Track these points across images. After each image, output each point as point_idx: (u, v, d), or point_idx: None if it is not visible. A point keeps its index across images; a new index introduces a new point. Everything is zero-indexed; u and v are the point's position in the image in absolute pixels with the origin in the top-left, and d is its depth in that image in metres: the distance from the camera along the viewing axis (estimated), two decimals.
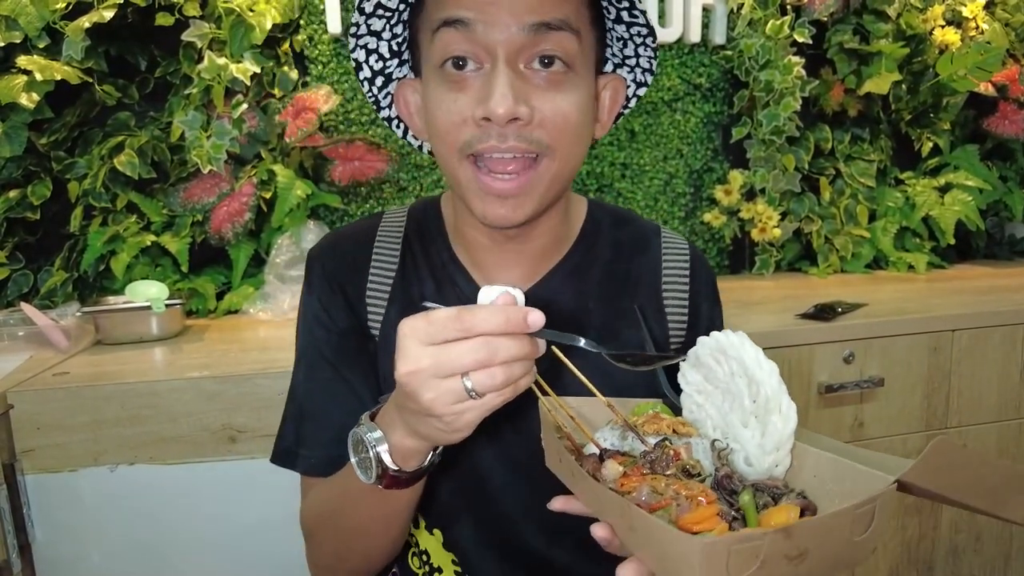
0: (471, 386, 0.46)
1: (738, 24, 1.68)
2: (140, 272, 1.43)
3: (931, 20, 1.79)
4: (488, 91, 0.56)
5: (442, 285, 0.71)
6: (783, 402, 0.46)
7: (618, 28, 0.64)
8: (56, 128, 1.42)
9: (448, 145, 0.59)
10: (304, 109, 1.44)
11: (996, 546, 1.41)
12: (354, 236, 0.75)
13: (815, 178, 1.83)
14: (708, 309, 0.75)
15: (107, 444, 1.00)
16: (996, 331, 1.32)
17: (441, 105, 0.58)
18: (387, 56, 0.65)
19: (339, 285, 0.71)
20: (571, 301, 0.71)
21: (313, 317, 0.71)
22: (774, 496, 0.44)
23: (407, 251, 0.73)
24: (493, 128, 0.57)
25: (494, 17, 0.55)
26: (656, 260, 0.75)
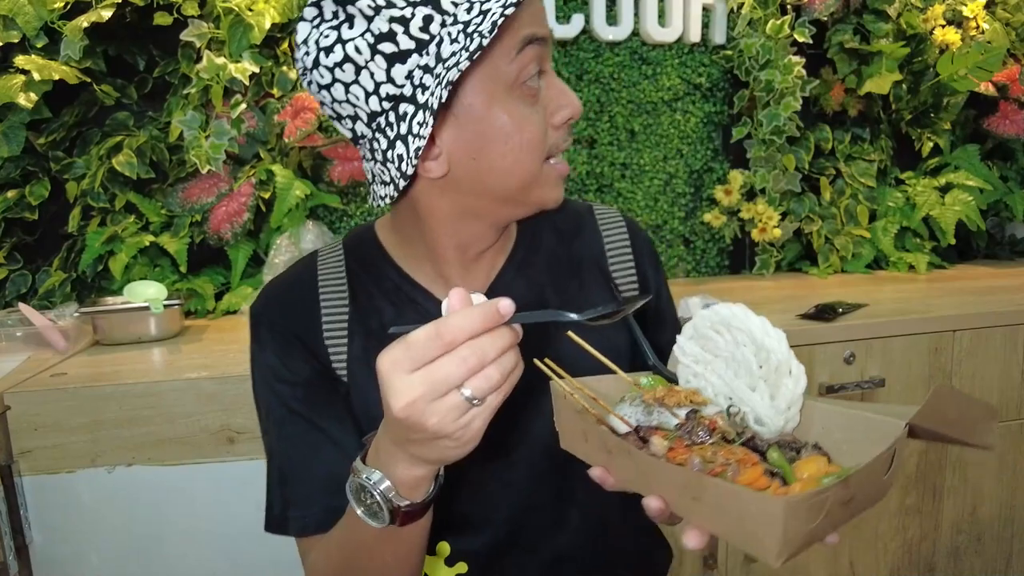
0: (471, 394, 0.46)
1: (738, 24, 1.68)
2: (139, 272, 1.43)
3: (931, 20, 1.79)
4: (560, 95, 0.62)
5: (402, 308, 0.69)
6: (793, 365, 0.49)
7: None
8: (54, 128, 1.41)
9: (536, 155, 0.62)
10: (303, 109, 1.44)
11: (997, 547, 1.41)
12: (294, 282, 0.72)
13: (815, 178, 1.83)
14: (653, 274, 0.78)
15: (105, 445, 0.99)
16: (997, 331, 1.32)
17: (529, 119, 0.61)
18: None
19: (293, 335, 0.68)
20: (525, 294, 0.72)
21: (272, 374, 0.68)
22: (796, 450, 0.48)
23: (354, 283, 0.71)
24: (567, 127, 0.64)
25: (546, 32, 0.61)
26: (596, 237, 0.77)
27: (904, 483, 1.32)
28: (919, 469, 1.33)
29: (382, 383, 0.46)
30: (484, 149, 0.61)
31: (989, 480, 1.37)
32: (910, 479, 1.32)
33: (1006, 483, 1.39)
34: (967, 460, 1.35)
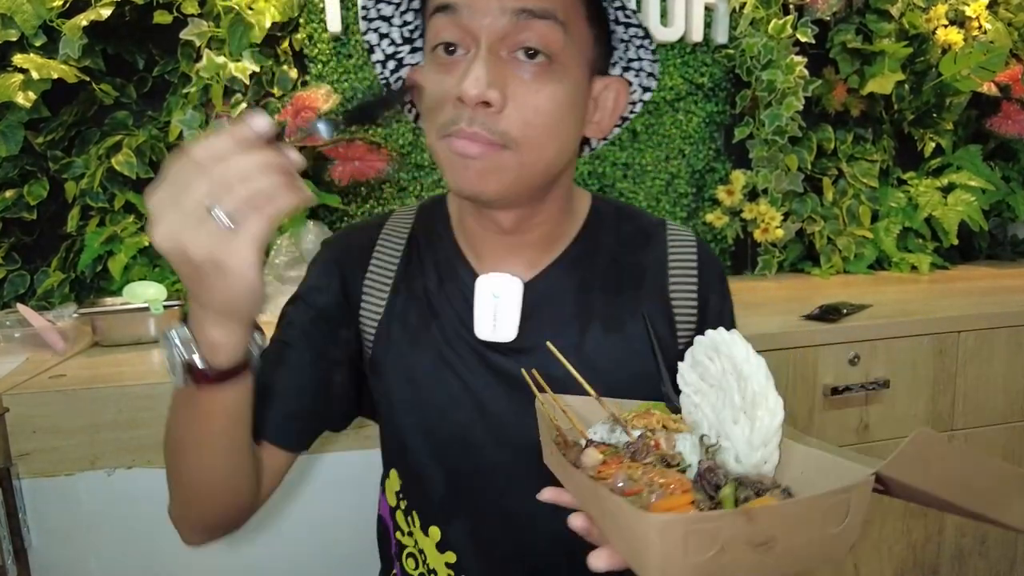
0: (217, 209, 0.43)
1: (740, 23, 1.67)
2: (138, 273, 1.42)
3: (934, 20, 1.79)
4: (464, 76, 0.57)
5: (444, 278, 0.72)
6: (770, 397, 0.46)
7: (618, 29, 0.64)
8: (53, 127, 1.40)
9: (431, 124, 0.61)
10: (304, 108, 1.43)
11: (1001, 550, 1.40)
12: (363, 229, 0.77)
13: (818, 178, 1.82)
14: (717, 302, 0.74)
15: (104, 447, 0.98)
16: (1002, 332, 1.31)
17: (432, 86, 0.60)
18: (398, 42, 0.66)
19: (339, 270, 0.73)
20: (573, 292, 0.71)
21: (304, 288, 0.74)
22: (757, 491, 0.44)
23: (412, 246, 0.74)
24: (465, 111, 0.58)
25: (479, 2, 0.57)
26: (662, 254, 0.74)
27: None
28: None
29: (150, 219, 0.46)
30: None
31: None
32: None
33: None
34: None
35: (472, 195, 0.62)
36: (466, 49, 0.59)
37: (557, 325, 0.70)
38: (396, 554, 0.78)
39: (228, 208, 0.43)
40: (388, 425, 0.74)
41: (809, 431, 1.24)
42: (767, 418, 0.46)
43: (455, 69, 0.59)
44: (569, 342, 0.69)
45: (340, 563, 1.07)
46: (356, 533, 1.06)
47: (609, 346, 0.69)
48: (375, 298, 0.72)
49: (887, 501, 1.30)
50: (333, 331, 0.71)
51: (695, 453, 0.49)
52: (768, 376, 0.47)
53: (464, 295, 0.69)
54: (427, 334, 0.70)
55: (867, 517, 0.40)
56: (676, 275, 0.74)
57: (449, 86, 0.58)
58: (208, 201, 0.43)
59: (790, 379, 1.21)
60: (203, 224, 0.43)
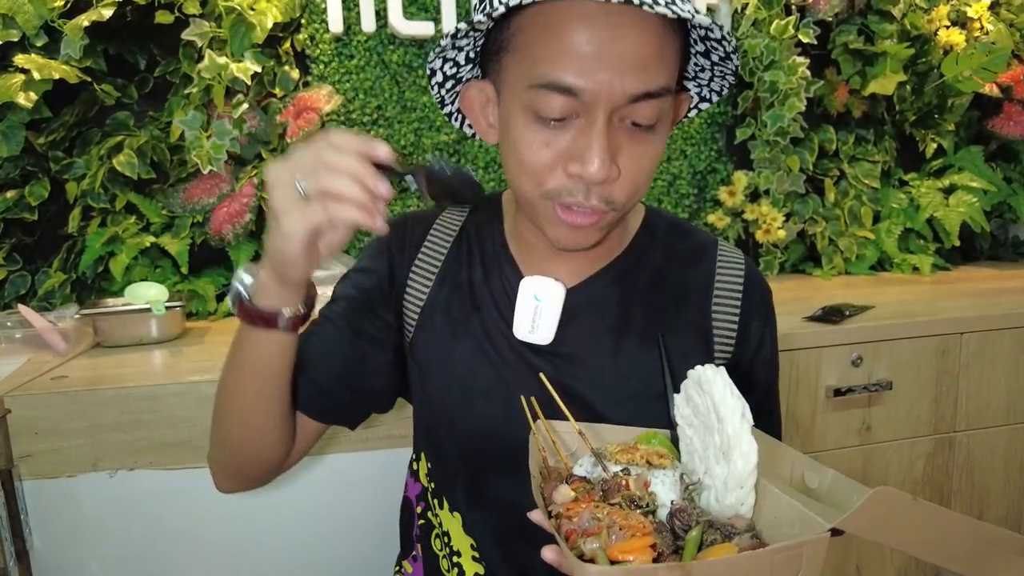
0: (301, 185, 0.52)
1: (742, 24, 1.67)
2: (139, 274, 1.41)
3: (936, 21, 1.79)
4: (585, 151, 0.56)
5: (490, 272, 0.73)
6: (744, 440, 0.47)
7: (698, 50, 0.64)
8: (54, 128, 1.40)
9: (534, 183, 0.60)
10: (305, 109, 1.43)
11: None
12: (419, 217, 0.79)
13: (819, 179, 1.82)
14: (759, 328, 0.74)
15: (106, 449, 0.98)
16: (1005, 334, 1.31)
17: (532, 146, 0.59)
18: (462, 63, 0.65)
19: (389, 255, 0.76)
20: (615, 304, 0.71)
21: (352, 272, 0.77)
22: (727, 534, 0.44)
23: (463, 238, 0.76)
24: (583, 184, 0.58)
25: (604, 86, 0.55)
26: (709, 273, 0.74)
27: (911, 487, 1.31)
28: (926, 473, 1.32)
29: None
30: (503, 140, 0.63)
31: (996, 483, 1.37)
32: (917, 483, 1.32)
33: (1013, 486, 1.38)
34: (974, 464, 1.34)
35: (568, 249, 0.65)
36: (574, 116, 0.57)
37: (594, 334, 0.70)
38: (419, 536, 0.79)
39: (305, 185, 0.52)
40: (421, 409, 0.76)
41: (811, 433, 1.24)
42: (740, 462, 0.47)
43: (562, 132, 0.58)
44: (605, 353, 0.69)
45: (350, 561, 1.07)
46: (371, 533, 1.06)
47: (642, 361, 0.69)
48: (420, 285, 0.74)
49: None
50: (374, 311, 0.73)
51: (673, 491, 0.50)
52: (744, 418, 0.48)
53: (507, 293, 0.71)
54: (467, 326, 0.71)
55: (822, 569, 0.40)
56: (720, 297, 0.73)
57: (557, 153, 0.58)
58: (299, 173, 0.52)
59: (793, 381, 1.21)
60: (289, 185, 0.52)
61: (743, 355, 0.73)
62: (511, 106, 0.60)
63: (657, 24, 0.55)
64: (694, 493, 0.50)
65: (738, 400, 0.48)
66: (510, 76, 0.60)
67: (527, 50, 0.57)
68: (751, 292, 0.74)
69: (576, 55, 0.54)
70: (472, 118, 0.69)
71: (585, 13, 0.53)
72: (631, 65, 0.54)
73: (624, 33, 0.54)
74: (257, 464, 0.71)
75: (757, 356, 0.74)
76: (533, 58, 0.56)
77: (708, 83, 0.68)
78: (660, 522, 0.46)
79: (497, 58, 0.61)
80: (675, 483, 0.50)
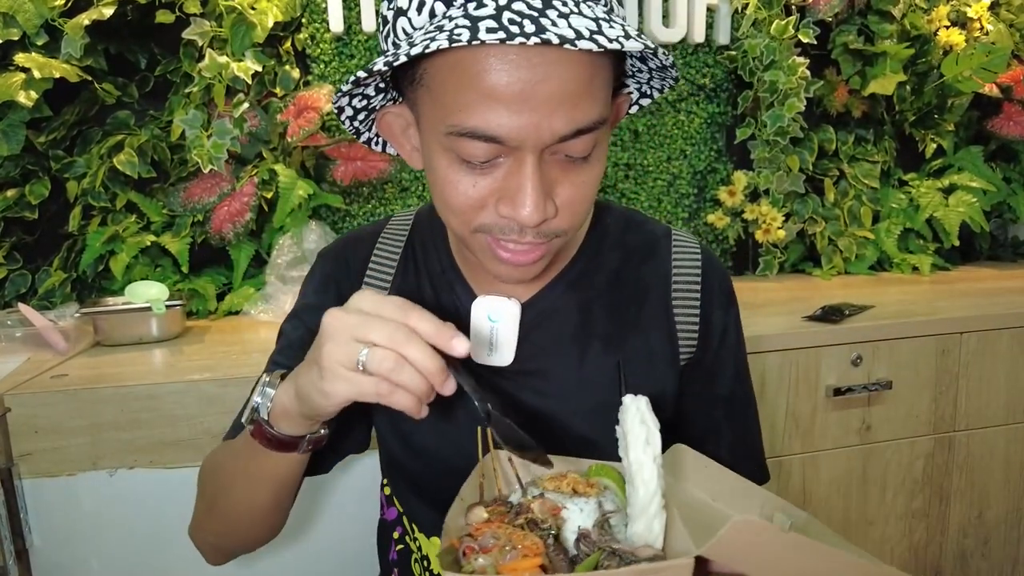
0: (363, 358, 0.47)
1: (742, 24, 1.67)
2: (140, 273, 1.42)
3: (936, 21, 1.79)
4: (516, 193, 0.52)
5: (440, 292, 0.70)
6: (645, 467, 0.47)
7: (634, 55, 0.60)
8: (55, 127, 1.40)
9: (462, 222, 0.57)
10: (306, 108, 1.43)
11: (1004, 550, 1.40)
12: (359, 239, 0.75)
13: (819, 179, 1.82)
14: (720, 316, 0.72)
15: (106, 448, 0.98)
16: (1004, 334, 1.31)
17: (457, 186, 0.54)
18: (372, 95, 0.60)
19: (336, 287, 0.72)
20: (574, 312, 0.69)
21: (302, 306, 0.73)
22: (628, 562, 0.45)
23: (408, 256, 0.72)
24: (516, 224, 0.54)
25: (530, 131, 0.50)
26: (666, 266, 0.71)
27: (911, 487, 1.31)
28: (926, 472, 1.32)
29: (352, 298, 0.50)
30: (427, 171, 0.58)
31: (996, 483, 1.37)
32: (917, 482, 1.32)
33: (1013, 486, 1.38)
34: (974, 464, 1.34)
35: (510, 283, 0.62)
36: (502, 156, 0.53)
37: (556, 346, 0.68)
38: (396, 560, 0.78)
39: (369, 362, 0.47)
40: (384, 441, 0.74)
41: (811, 432, 1.24)
42: (641, 489, 0.47)
43: (489, 171, 0.53)
44: (569, 364, 0.68)
45: (342, 563, 1.07)
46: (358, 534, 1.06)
47: (608, 367, 0.67)
48: None
49: (888, 501, 1.30)
50: None
51: (590, 518, 0.50)
52: (649, 444, 0.48)
53: (460, 314, 0.67)
54: None
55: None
56: (679, 290, 0.71)
57: (484, 191, 0.54)
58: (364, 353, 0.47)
59: (792, 380, 1.21)
60: (353, 344, 0.47)
61: (708, 346, 0.71)
62: (431, 143, 0.55)
63: (584, 58, 0.50)
64: (609, 522, 0.50)
65: (643, 427, 0.48)
66: (427, 112, 0.55)
67: (441, 92, 0.51)
68: (710, 281, 0.71)
69: (496, 100, 0.49)
70: (394, 143, 0.63)
71: (500, 53, 0.48)
72: (559, 104, 0.49)
73: (548, 73, 0.48)
74: (261, 540, 0.70)
75: (723, 346, 0.72)
76: (448, 103, 0.51)
77: (648, 82, 0.63)
78: (560, 546, 0.47)
79: (411, 88, 0.56)
80: (593, 510, 0.50)
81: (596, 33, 0.46)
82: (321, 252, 0.77)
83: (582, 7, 0.49)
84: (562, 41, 0.45)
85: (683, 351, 0.70)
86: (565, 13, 0.47)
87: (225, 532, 0.68)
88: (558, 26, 0.46)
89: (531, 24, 0.46)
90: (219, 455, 0.68)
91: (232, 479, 0.63)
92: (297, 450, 0.57)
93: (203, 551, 0.71)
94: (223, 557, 0.72)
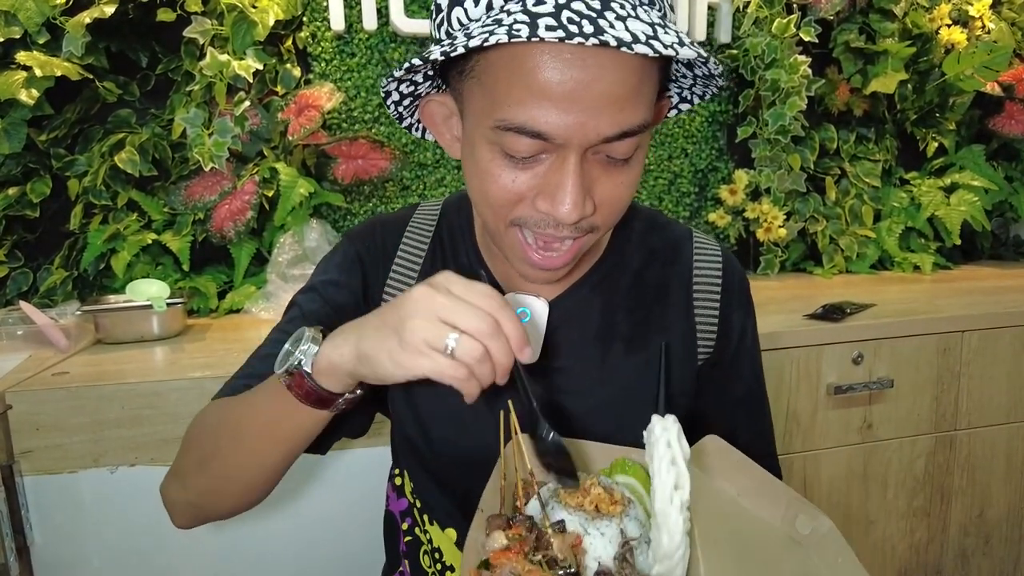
0: (453, 344, 0.46)
1: (744, 23, 1.67)
2: (141, 271, 1.42)
3: (937, 19, 1.79)
4: (557, 190, 0.53)
5: None
6: (671, 518, 0.46)
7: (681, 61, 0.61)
8: (56, 125, 1.40)
9: (499, 216, 0.58)
10: (307, 107, 1.43)
11: (1005, 549, 1.40)
12: (389, 224, 0.75)
13: (820, 178, 1.82)
14: (740, 319, 0.73)
15: (107, 445, 0.98)
16: (1006, 332, 1.31)
17: (498, 179, 0.55)
18: (420, 81, 0.61)
19: (361, 268, 0.71)
20: (598, 313, 0.70)
21: (321, 281, 0.71)
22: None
23: (436, 245, 0.72)
24: (553, 220, 0.55)
25: (576, 130, 0.51)
26: (687, 267, 0.73)
27: (912, 485, 1.31)
28: (927, 471, 1.32)
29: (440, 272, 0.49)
30: (466, 161, 0.59)
31: (997, 482, 1.36)
32: (918, 481, 1.32)
33: (1014, 485, 1.38)
34: (975, 462, 1.34)
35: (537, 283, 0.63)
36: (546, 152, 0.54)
37: (579, 345, 0.69)
38: (405, 552, 0.77)
39: (459, 350, 0.46)
40: (402, 429, 0.73)
41: (812, 430, 1.24)
42: (665, 539, 0.47)
43: (531, 167, 0.54)
44: (591, 364, 0.68)
45: (345, 559, 1.07)
46: (361, 529, 1.06)
47: (631, 367, 0.68)
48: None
49: (889, 499, 1.29)
50: None
51: (612, 544, 0.49)
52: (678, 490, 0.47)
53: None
54: None
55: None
56: (700, 291, 0.72)
57: (524, 186, 0.55)
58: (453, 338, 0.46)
59: (793, 378, 1.21)
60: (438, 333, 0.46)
61: (727, 346, 0.72)
62: (475, 134, 0.56)
63: (635, 62, 0.51)
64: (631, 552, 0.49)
65: (672, 471, 0.47)
66: (474, 104, 0.55)
67: (492, 86, 0.52)
68: (729, 283, 0.73)
69: (546, 97, 0.50)
70: (434, 131, 0.64)
71: (555, 51, 0.49)
72: (607, 106, 0.50)
73: (600, 74, 0.49)
74: (245, 507, 0.65)
75: (741, 346, 0.73)
76: (498, 97, 0.52)
77: (690, 88, 0.64)
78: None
79: (459, 78, 0.56)
80: (615, 536, 0.49)
81: (652, 38, 0.47)
82: (349, 233, 0.76)
83: (639, 11, 0.50)
84: (619, 44, 0.45)
85: (701, 351, 0.72)
86: (623, 16, 0.48)
87: (214, 491, 0.63)
88: (615, 28, 0.46)
89: (590, 25, 0.46)
90: (224, 410, 0.63)
91: (241, 434, 0.60)
92: (331, 407, 0.55)
93: (174, 510, 0.66)
94: (195, 520, 0.67)
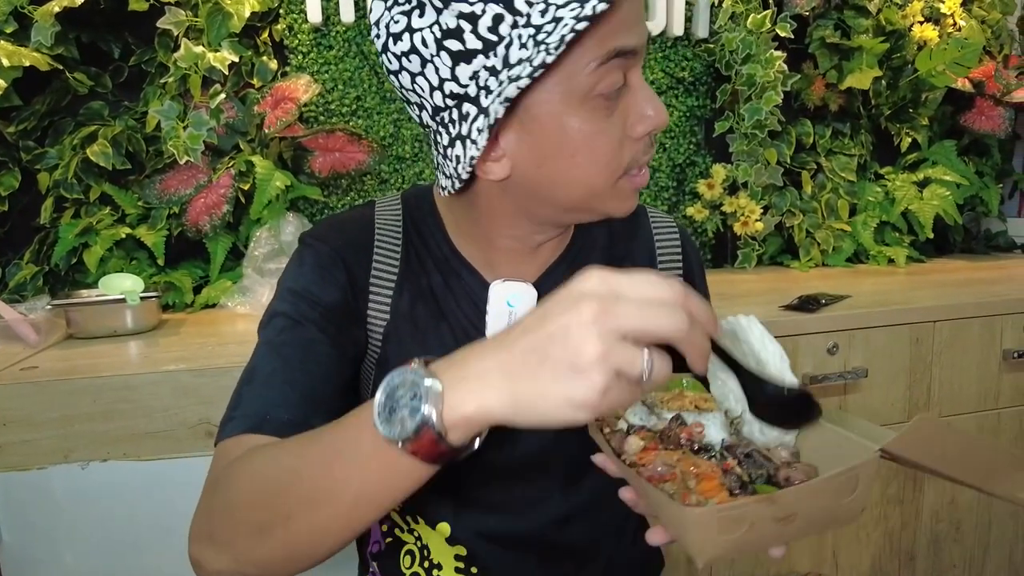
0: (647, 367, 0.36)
1: (720, 18, 1.68)
2: (115, 266, 1.39)
3: (910, 16, 1.81)
4: (645, 104, 0.57)
5: (448, 278, 0.69)
6: (787, 377, 0.51)
7: None
8: (25, 117, 1.38)
9: (611, 171, 0.59)
10: (283, 99, 1.42)
11: (976, 535, 1.43)
12: (352, 220, 0.71)
13: (797, 172, 1.84)
14: (701, 288, 0.76)
15: (78, 440, 0.96)
16: (975, 322, 1.33)
17: (604, 133, 0.57)
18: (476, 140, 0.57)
19: (341, 258, 0.67)
20: None
21: (300, 289, 0.65)
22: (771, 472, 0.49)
23: (408, 241, 0.70)
24: (643, 143, 0.59)
25: (645, 35, 0.57)
26: (649, 241, 0.75)
27: (886, 473, 1.34)
28: None
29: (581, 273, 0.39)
30: (550, 159, 0.58)
31: None
32: (892, 469, 1.34)
33: None
34: None
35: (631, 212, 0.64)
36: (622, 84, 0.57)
37: None
38: (375, 554, 0.77)
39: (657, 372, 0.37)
40: None
41: None
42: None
43: (616, 106, 0.57)
44: None
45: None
46: None
47: None
48: (382, 296, 0.68)
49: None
50: (347, 328, 0.66)
51: (723, 430, 0.54)
52: (784, 358, 0.52)
53: (471, 299, 0.68)
54: (436, 334, 0.68)
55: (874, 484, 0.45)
56: (664, 262, 0.75)
57: (619, 127, 0.57)
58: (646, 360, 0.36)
59: None
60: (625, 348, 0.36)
61: None
62: (559, 115, 0.56)
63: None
64: (741, 427, 0.54)
65: (775, 345, 0.53)
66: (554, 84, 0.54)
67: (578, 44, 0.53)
68: (688, 254, 0.76)
69: (627, 16, 0.54)
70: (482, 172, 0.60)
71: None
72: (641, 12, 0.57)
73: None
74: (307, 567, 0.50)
75: None
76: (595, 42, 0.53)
77: None
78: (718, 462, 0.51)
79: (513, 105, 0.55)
80: (723, 423, 0.54)
81: None
82: (312, 235, 0.69)
83: None
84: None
85: None
86: None
87: (284, 558, 0.49)
88: None
89: None
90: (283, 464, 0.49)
91: (324, 500, 0.46)
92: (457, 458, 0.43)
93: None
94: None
